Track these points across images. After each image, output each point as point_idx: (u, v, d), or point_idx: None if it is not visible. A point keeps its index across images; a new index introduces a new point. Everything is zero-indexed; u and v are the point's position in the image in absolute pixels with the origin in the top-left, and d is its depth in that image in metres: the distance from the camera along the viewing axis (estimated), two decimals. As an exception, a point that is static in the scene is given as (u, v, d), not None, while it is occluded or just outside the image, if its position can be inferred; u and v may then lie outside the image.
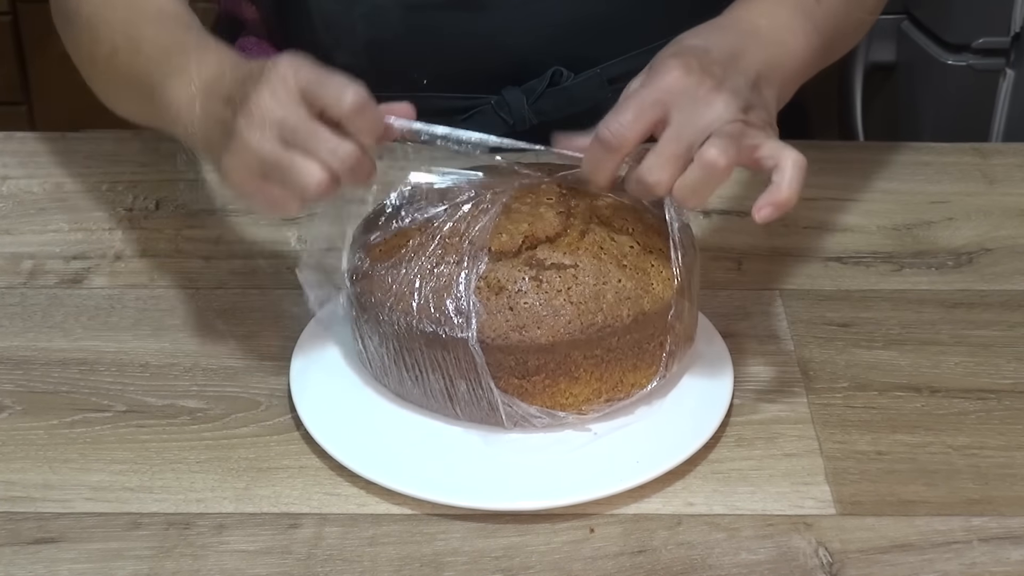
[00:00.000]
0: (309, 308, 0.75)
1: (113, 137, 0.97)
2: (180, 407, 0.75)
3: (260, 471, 0.70)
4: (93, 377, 0.77)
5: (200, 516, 0.67)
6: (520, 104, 0.91)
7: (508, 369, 0.68)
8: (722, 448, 0.72)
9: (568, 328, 0.68)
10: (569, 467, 0.69)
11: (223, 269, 0.85)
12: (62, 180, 0.94)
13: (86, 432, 0.73)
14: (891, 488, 0.69)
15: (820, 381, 0.76)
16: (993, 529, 0.67)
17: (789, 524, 0.67)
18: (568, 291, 0.69)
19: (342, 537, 0.66)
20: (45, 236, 0.89)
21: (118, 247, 0.87)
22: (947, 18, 1.33)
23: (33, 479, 0.70)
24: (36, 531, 0.67)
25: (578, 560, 0.65)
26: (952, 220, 0.91)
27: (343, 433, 0.71)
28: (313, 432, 0.71)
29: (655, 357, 0.71)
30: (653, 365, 0.71)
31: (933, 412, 0.74)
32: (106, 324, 0.81)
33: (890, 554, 0.65)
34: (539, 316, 0.68)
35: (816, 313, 0.82)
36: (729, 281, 0.84)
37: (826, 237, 0.89)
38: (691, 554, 0.65)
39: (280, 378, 0.76)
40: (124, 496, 0.69)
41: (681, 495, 0.69)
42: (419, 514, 0.68)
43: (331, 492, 0.69)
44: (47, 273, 0.85)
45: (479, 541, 0.66)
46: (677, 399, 0.73)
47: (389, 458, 0.70)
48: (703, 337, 0.77)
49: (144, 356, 0.78)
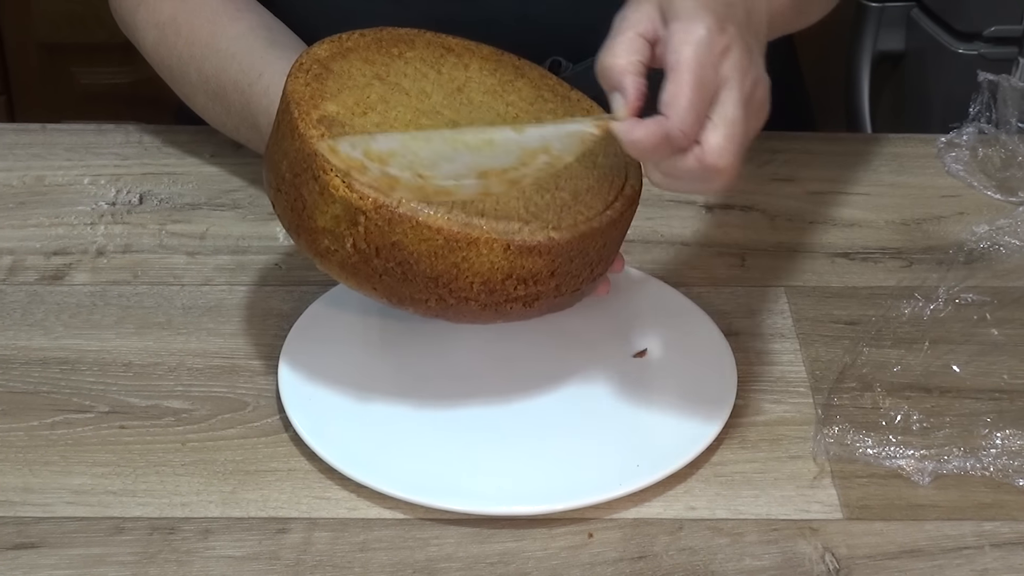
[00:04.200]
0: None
1: (95, 129, 0.97)
2: (165, 408, 0.74)
3: (247, 474, 0.70)
4: (74, 377, 0.76)
5: (185, 521, 0.67)
6: None
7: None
8: (725, 450, 0.71)
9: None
10: (567, 470, 0.69)
11: (209, 265, 0.85)
12: (42, 173, 0.93)
13: (67, 434, 0.72)
14: (900, 492, 0.69)
15: (826, 381, 0.76)
16: (1005, 534, 0.67)
17: (794, 529, 0.67)
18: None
19: (332, 542, 0.66)
20: (25, 231, 0.88)
21: (100, 242, 0.87)
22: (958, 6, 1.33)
23: (12, 482, 0.69)
24: (15, 536, 0.66)
25: (576, 566, 0.65)
26: (963, 214, 0.90)
27: (333, 435, 0.71)
28: (302, 434, 0.71)
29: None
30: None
31: (944, 413, 0.74)
32: (88, 322, 0.80)
33: (899, 560, 0.65)
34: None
35: (822, 310, 0.81)
36: (732, 277, 0.84)
37: (833, 232, 0.88)
38: (693, 560, 0.65)
39: (268, 378, 0.75)
40: (106, 500, 0.68)
41: (683, 499, 0.68)
42: (412, 519, 0.67)
43: (321, 496, 0.68)
44: (27, 269, 0.85)
45: (474, 547, 0.66)
46: (678, 400, 0.73)
47: (381, 461, 0.69)
48: (705, 336, 0.77)
49: (127, 355, 0.78)
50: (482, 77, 0.74)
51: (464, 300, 0.67)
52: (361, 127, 0.67)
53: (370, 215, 0.65)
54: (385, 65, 0.72)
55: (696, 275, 0.84)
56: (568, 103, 0.75)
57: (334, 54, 0.71)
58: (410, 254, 0.65)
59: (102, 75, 1.70)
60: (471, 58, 0.75)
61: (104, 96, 1.72)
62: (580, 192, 0.69)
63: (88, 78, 1.72)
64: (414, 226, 0.64)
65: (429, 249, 0.65)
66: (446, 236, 0.65)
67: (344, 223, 0.65)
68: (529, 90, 0.74)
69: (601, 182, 0.70)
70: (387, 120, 0.68)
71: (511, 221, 0.66)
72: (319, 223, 0.66)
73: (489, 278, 0.66)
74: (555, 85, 0.76)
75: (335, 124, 0.67)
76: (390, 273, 0.66)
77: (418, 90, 0.71)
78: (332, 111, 0.67)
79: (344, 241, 0.66)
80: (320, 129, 0.66)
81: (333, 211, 0.65)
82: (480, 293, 0.67)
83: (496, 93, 0.73)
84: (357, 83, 0.70)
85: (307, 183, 0.66)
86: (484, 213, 0.65)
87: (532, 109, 0.73)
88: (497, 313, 0.68)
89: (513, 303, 0.68)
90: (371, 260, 0.66)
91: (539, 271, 0.67)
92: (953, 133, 0.95)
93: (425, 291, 0.67)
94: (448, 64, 0.74)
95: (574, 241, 0.67)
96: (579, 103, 0.75)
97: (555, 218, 0.67)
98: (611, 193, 0.69)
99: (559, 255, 0.67)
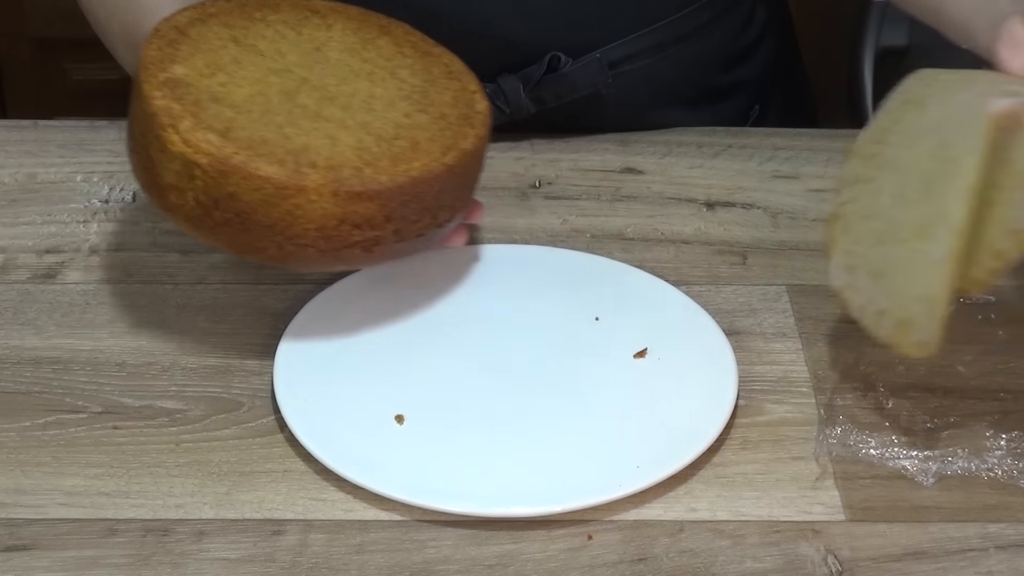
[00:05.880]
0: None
1: (87, 125, 0.97)
2: (158, 408, 0.74)
3: (242, 475, 0.70)
4: (67, 377, 0.76)
5: (179, 522, 0.67)
6: (517, 92, 0.90)
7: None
8: (726, 451, 0.71)
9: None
10: (566, 471, 0.69)
11: (203, 263, 0.84)
12: (34, 170, 0.93)
13: (60, 434, 0.72)
14: (903, 493, 0.69)
15: (829, 381, 0.75)
16: (1010, 536, 0.66)
17: (796, 531, 0.66)
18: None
19: (328, 544, 0.66)
20: (16, 229, 0.87)
21: (93, 240, 0.86)
22: (963, 0, 1.30)
23: (4, 484, 0.69)
24: (7, 538, 0.66)
25: (575, 568, 0.65)
26: None
27: (329, 435, 0.70)
28: (298, 434, 0.70)
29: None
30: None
31: (948, 413, 0.73)
32: (81, 321, 0.80)
33: (902, 562, 0.65)
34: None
35: (825, 310, 0.81)
36: (734, 276, 0.83)
37: None
38: (694, 562, 0.65)
39: (263, 378, 0.75)
40: (100, 501, 0.68)
41: (683, 500, 0.68)
42: (409, 520, 0.67)
43: (317, 497, 0.68)
44: (19, 268, 0.84)
45: (472, 549, 0.65)
46: (679, 400, 0.73)
47: (377, 462, 0.69)
48: (706, 335, 0.76)
49: (121, 355, 0.77)
50: (344, 36, 0.77)
51: (302, 247, 0.70)
52: (207, 88, 0.71)
53: (205, 168, 0.68)
54: (244, 28, 0.75)
55: (697, 273, 0.83)
56: (429, 58, 0.78)
57: (193, 20, 0.75)
58: (245, 204, 0.68)
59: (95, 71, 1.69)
60: (336, 19, 0.78)
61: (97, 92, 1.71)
62: (420, 142, 0.72)
63: (81, 74, 1.72)
64: (245, 177, 0.68)
65: (262, 198, 0.68)
66: (275, 185, 0.68)
67: (184, 178, 0.69)
68: (390, 47, 0.77)
69: (444, 132, 0.73)
70: (234, 80, 0.72)
71: (341, 169, 0.69)
72: (165, 179, 0.70)
73: (323, 224, 0.69)
74: (418, 42, 0.79)
75: (180, 85, 0.70)
76: (230, 224, 0.69)
77: (274, 51, 0.74)
78: (179, 73, 0.71)
79: (187, 195, 0.69)
80: (164, 91, 0.70)
81: (174, 167, 0.69)
82: (317, 239, 0.69)
83: (354, 51, 0.76)
84: (212, 46, 0.73)
85: (152, 142, 0.70)
86: (315, 163, 0.69)
87: (389, 65, 0.76)
88: (338, 259, 0.71)
89: (352, 248, 0.70)
90: (212, 212, 0.69)
91: (373, 216, 0.69)
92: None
93: (264, 239, 0.70)
94: (311, 25, 0.77)
95: (405, 187, 0.70)
96: (439, 58, 0.78)
97: (388, 165, 0.70)
98: (451, 143, 0.72)
99: (390, 200, 0.69)
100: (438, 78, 0.76)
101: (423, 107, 0.74)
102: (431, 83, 0.75)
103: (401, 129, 0.72)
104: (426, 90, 0.75)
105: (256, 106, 0.70)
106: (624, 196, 0.89)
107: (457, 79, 0.76)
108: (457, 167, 0.72)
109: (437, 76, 0.76)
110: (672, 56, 0.92)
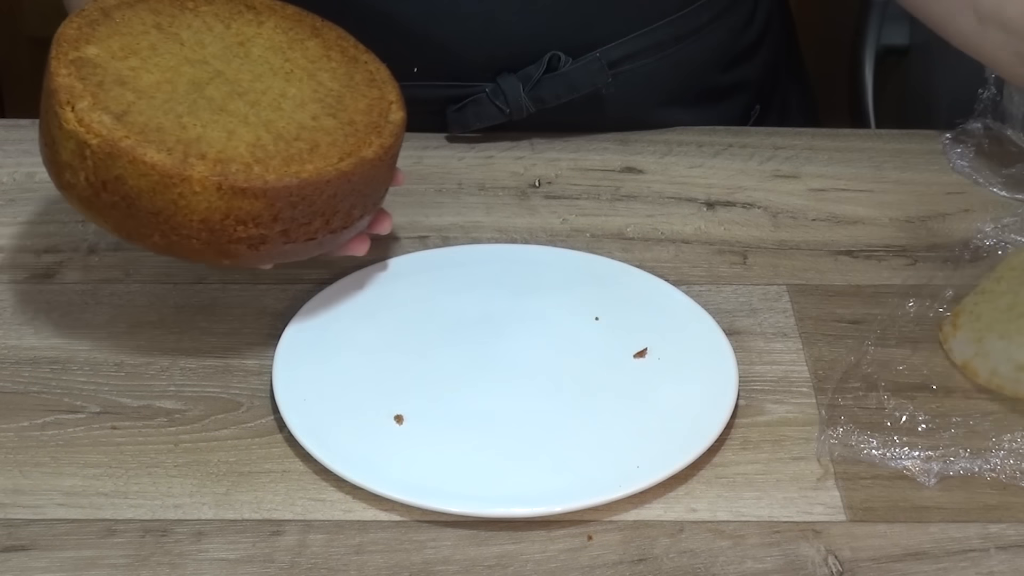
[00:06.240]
0: None
1: None
2: (157, 408, 0.74)
3: (241, 475, 0.69)
4: (65, 377, 0.76)
5: (178, 523, 0.67)
6: (516, 92, 0.90)
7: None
8: (726, 451, 0.71)
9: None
10: (566, 471, 0.69)
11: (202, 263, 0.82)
12: (32, 169, 0.92)
13: (58, 434, 0.72)
14: (905, 493, 0.68)
15: (830, 381, 0.75)
16: (1012, 536, 0.66)
17: (797, 531, 0.66)
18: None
19: (327, 545, 0.66)
20: (15, 228, 0.87)
21: (92, 240, 0.86)
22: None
23: (2, 484, 0.69)
24: (5, 539, 0.66)
25: (575, 569, 0.65)
26: (968, 211, 0.89)
27: (328, 436, 0.70)
28: (297, 434, 0.70)
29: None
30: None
31: (950, 413, 0.73)
32: (79, 321, 0.80)
33: (903, 563, 0.65)
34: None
35: (825, 309, 0.80)
36: (734, 276, 0.83)
37: (836, 229, 0.88)
38: (694, 563, 0.65)
39: (262, 378, 0.75)
40: (98, 502, 0.68)
41: (683, 501, 0.68)
42: (408, 521, 0.67)
43: (316, 497, 0.68)
44: (17, 267, 0.84)
45: (471, 549, 0.65)
46: (679, 400, 0.73)
47: (377, 462, 0.69)
48: (706, 335, 0.76)
49: (119, 355, 0.77)
50: (273, 34, 0.77)
51: (186, 238, 0.70)
52: (115, 70, 0.71)
53: (94, 149, 0.68)
54: (171, 16, 0.76)
55: (697, 273, 0.83)
56: (355, 64, 0.77)
57: (121, 3, 0.75)
58: (131, 188, 0.69)
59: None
60: (269, 16, 0.78)
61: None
62: (320, 145, 0.72)
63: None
64: (132, 161, 0.68)
65: (148, 185, 0.68)
66: (161, 172, 0.68)
67: (77, 157, 0.69)
68: (318, 50, 0.77)
69: (348, 139, 0.72)
70: (146, 65, 0.72)
71: (230, 163, 0.69)
72: (61, 157, 0.70)
73: (207, 217, 0.69)
74: (348, 47, 0.78)
75: (88, 65, 0.71)
76: (117, 207, 0.70)
77: (195, 41, 0.75)
78: (91, 53, 0.71)
79: (79, 175, 0.70)
80: (70, 68, 0.70)
81: (69, 145, 0.69)
82: (200, 231, 0.70)
83: (279, 49, 0.76)
84: (133, 30, 0.74)
85: (52, 118, 0.70)
86: (204, 155, 0.69)
87: (311, 67, 0.76)
88: (223, 253, 0.71)
89: (237, 244, 0.70)
90: (100, 194, 0.70)
91: (259, 214, 0.69)
92: (958, 129, 0.94)
93: (149, 226, 0.70)
94: (241, 20, 0.77)
95: (293, 188, 0.69)
96: (366, 64, 0.78)
97: (279, 165, 0.70)
98: (351, 150, 0.72)
99: (276, 199, 0.69)
100: (358, 84, 0.76)
101: (334, 112, 0.73)
102: (350, 89, 0.75)
103: (304, 131, 0.72)
104: (341, 95, 0.75)
105: (160, 93, 0.71)
106: (624, 196, 0.89)
107: (378, 88, 0.76)
108: (354, 174, 0.71)
109: (358, 82, 0.76)
110: (672, 56, 0.91)
